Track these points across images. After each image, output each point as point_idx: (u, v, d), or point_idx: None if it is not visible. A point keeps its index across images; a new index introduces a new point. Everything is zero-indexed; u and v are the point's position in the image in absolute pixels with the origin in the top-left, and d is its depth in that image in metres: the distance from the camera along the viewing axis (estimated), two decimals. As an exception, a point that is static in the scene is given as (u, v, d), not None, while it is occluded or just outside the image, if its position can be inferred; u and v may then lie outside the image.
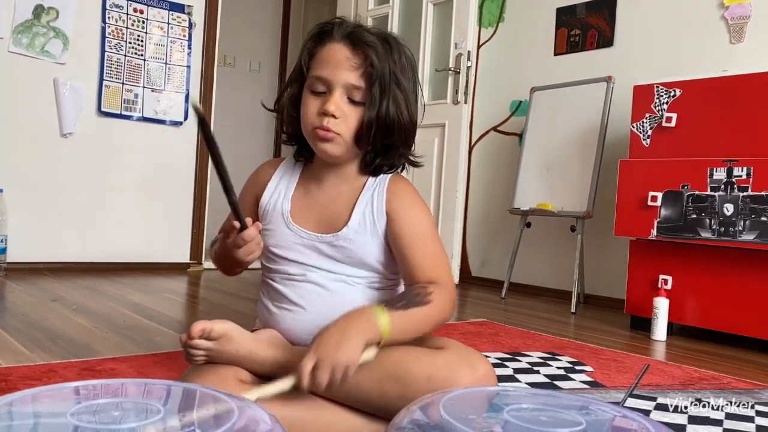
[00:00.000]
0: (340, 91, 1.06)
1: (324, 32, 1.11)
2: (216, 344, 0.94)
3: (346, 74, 1.06)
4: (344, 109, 1.07)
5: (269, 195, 1.17)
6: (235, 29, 4.76)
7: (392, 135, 1.10)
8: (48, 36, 2.93)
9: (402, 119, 1.10)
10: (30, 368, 1.31)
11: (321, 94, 1.08)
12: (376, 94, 1.07)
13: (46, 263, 2.96)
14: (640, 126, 2.33)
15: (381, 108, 1.07)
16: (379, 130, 1.08)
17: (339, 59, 1.07)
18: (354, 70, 1.06)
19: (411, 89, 1.13)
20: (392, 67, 1.08)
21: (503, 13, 3.52)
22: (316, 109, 1.08)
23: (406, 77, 1.12)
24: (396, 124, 1.09)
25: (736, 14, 2.60)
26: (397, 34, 1.16)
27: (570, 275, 2.98)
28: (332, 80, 1.06)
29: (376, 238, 1.12)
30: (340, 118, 1.06)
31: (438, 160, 3.40)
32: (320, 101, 1.07)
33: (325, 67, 1.07)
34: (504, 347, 1.84)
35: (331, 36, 1.09)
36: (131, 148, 3.21)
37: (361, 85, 1.06)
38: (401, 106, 1.09)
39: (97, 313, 2.02)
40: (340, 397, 0.97)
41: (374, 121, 1.07)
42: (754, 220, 1.99)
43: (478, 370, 0.96)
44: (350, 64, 1.06)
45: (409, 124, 1.12)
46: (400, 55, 1.12)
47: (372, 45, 1.07)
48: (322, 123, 1.06)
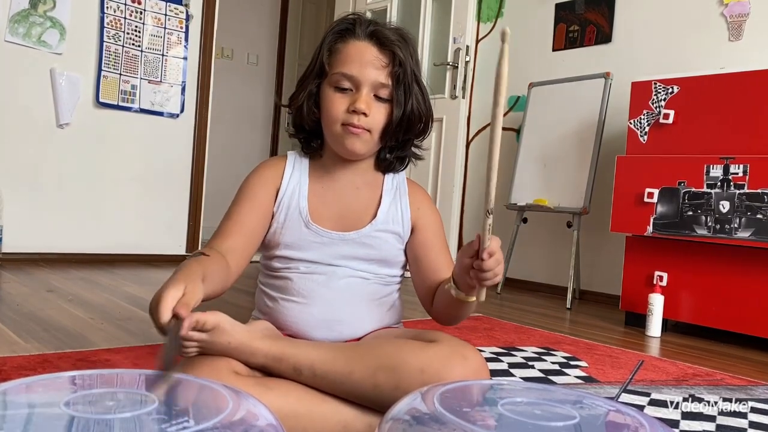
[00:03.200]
0: (368, 89, 1.10)
1: (345, 29, 1.13)
2: (208, 336, 0.93)
3: (375, 73, 1.10)
4: (372, 107, 1.10)
5: (284, 191, 1.16)
6: (233, 21, 4.75)
7: (413, 129, 1.16)
8: (45, 26, 2.91)
9: (423, 113, 1.16)
10: (25, 358, 1.31)
11: (345, 90, 1.10)
12: (401, 92, 1.11)
13: (42, 254, 2.96)
14: (638, 122, 2.33)
15: (407, 105, 1.12)
16: (403, 126, 1.13)
17: (367, 58, 1.10)
18: (382, 69, 1.10)
19: (424, 80, 1.18)
20: (411, 64, 1.13)
21: (502, 8, 3.51)
22: (344, 106, 1.10)
23: (419, 69, 1.17)
24: (417, 119, 1.15)
25: (735, 12, 2.60)
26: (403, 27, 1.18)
27: (566, 271, 2.99)
28: (361, 78, 1.09)
29: (396, 237, 1.19)
30: (369, 115, 1.10)
31: (435, 154, 3.40)
32: (347, 98, 1.10)
33: (352, 64, 1.10)
34: (499, 342, 1.84)
35: (354, 33, 1.12)
36: (128, 139, 3.20)
37: (388, 83, 1.11)
38: (421, 102, 1.15)
39: (92, 304, 2.02)
40: (333, 389, 0.97)
41: (399, 118, 1.12)
42: (750, 218, 2.00)
43: (471, 362, 0.97)
44: (379, 64, 1.10)
45: (428, 115, 1.18)
46: (414, 50, 1.17)
47: (397, 44, 1.11)
48: (351, 120, 1.09)
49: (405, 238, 1.21)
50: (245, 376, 0.95)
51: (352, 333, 1.14)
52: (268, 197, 1.16)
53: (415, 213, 1.21)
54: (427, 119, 1.18)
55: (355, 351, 0.99)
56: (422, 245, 1.21)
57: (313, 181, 1.19)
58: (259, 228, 1.16)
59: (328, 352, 0.99)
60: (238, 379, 0.92)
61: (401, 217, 1.20)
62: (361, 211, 1.18)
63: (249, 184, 1.18)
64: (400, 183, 1.23)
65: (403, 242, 1.21)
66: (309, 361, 0.97)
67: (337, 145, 1.14)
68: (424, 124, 1.17)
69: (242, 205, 1.15)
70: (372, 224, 1.16)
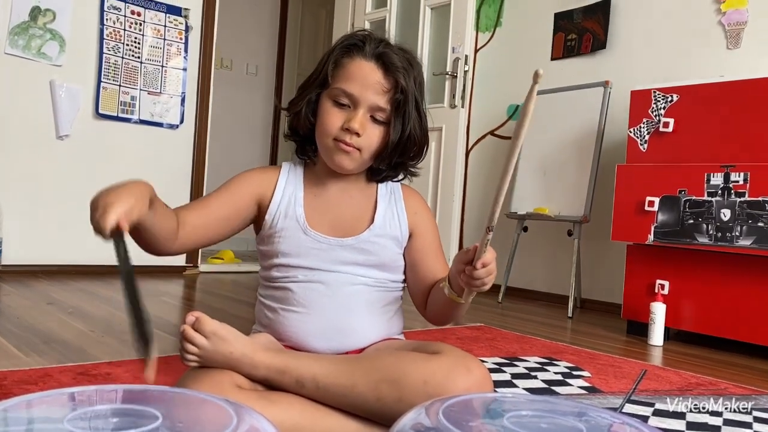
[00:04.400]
0: (365, 110, 1.10)
1: (353, 45, 1.13)
2: (209, 343, 0.93)
3: (375, 96, 1.10)
4: (366, 128, 1.11)
5: (278, 201, 1.17)
6: (232, 32, 4.76)
7: (407, 154, 1.17)
8: (44, 38, 2.92)
9: (418, 140, 1.16)
10: (26, 372, 1.30)
11: (343, 106, 1.11)
12: (400, 118, 1.12)
13: (42, 266, 2.95)
14: (638, 131, 2.33)
15: (404, 131, 1.12)
16: (398, 150, 1.14)
17: (370, 80, 1.10)
18: (383, 94, 1.10)
19: (424, 108, 1.19)
20: (414, 90, 1.14)
21: (500, 18, 3.52)
22: (339, 122, 1.10)
23: (421, 95, 1.17)
24: (412, 145, 1.16)
25: (733, 20, 2.61)
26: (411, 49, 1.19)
27: (567, 280, 2.98)
28: (360, 98, 1.10)
29: (394, 242, 1.19)
30: (362, 136, 1.10)
31: (435, 164, 3.41)
32: (343, 114, 1.11)
33: (353, 82, 1.10)
34: (501, 352, 1.84)
35: (362, 51, 1.12)
36: (128, 150, 3.20)
37: (386, 108, 1.11)
38: (417, 128, 1.15)
39: (92, 316, 2.01)
40: (336, 402, 0.97)
41: (395, 143, 1.12)
42: (751, 226, 1.99)
43: (474, 374, 0.96)
44: (381, 88, 1.10)
45: (423, 143, 1.18)
46: (419, 74, 1.17)
47: (402, 71, 1.11)
48: (344, 138, 1.10)
49: (403, 242, 1.21)
50: (248, 390, 0.95)
51: (354, 343, 1.14)
52: (246, 200, 1.16)
53: (412, 218, 1.22)
54: (422, 145, 1.18)
55: (357, 363, 0.99)
56: (420, 250, 1.22)
57: (307, 189, 1.19)
58: (223, 222, 1.15)
59: (331, 364, 0.99)
60: (241, 393, 0.92)
61: (398, 221, 1.20)
62: (357, 217, 1.18)
63: (234, 180, 1.19)
64: (395, 188, 1.24)
65: (401, 246, 1.21)
66: (311, 373, 0.97)
67: (327, 157, 1.15)
68: (419, 148, 1.18)
69: (219, 195, 1.16)
70: (370, 229, 1.17)
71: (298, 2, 5.33)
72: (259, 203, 1.18)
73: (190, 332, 0.93)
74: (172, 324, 1.97)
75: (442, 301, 1.11)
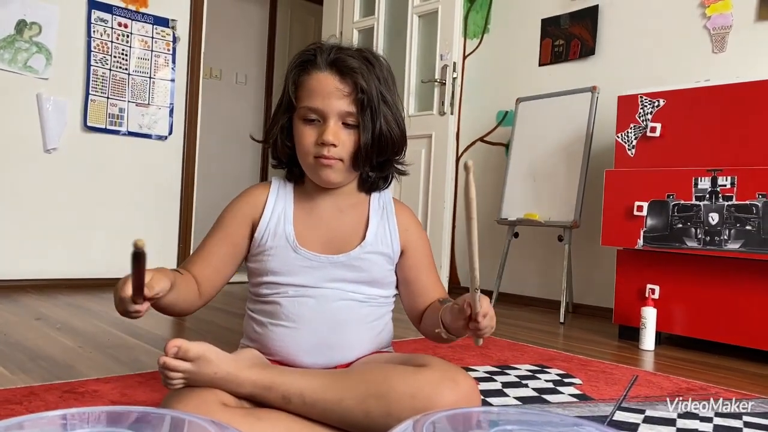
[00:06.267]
0: (334, 119, 1.10)
1: (307, 61, 1.13)
2: (193, 366, 0.92)
3: (338, 103, 1.09)
4: (341, 136, 1.10)
5: (267, 219, 1.17)
6: (221, 41, 4.76)
7: (387, 151, 1.15)
8: (31, 51, 2.91)
9: (394, 134, 1.15)
10: (11, 391, 1.28)
11: (314, 122, 1.11)
12: (368, 117, 1.11)
13: (30, 280, 2.93)
14: (625, 136, 2.34)
15: (375, 129, 1.11)
16: (374, 149, 1.13)
17: (329, 89, 1.10)
18: (345, 98, 1.10)
19: (395, 101, 1.17)
20: (378, 86, 1.12)
21: (488, 24, 3.53)
22: (313, 139, 1.11)
23: (389, 91, 1.16)
24: (389, 140, 1.14)
25: (718, 24, 2.63)
26: (367, 47, 1.19)
27: (558, 285, 2.98)
28: (326, 110, 1.09)
29: (385, 258, 1.19)
30: (338, 145, 1.10)
31: (425, 170, 3.41)
32: (316, 130, 1.11)
33: (315, 97, 1.10)
34: (492, 360, 1.83)
35: (315, 64, 1.12)
36: (116, 162, 3.19)
37: (353, 110, 1.10)
38: (391, 122, 1.14)
39: (81, 331, 1.99)
40: (324, 417, 0.96)
41: (369, 143, 1.11)
42: (739, 229, 2.00)
43: (461, 387, 0.96)
44: (341, 93, 1.10)
45: (400, 136, 1.17)
46: (381, 69, 1.16)
47: (358, 70, 1.10)
48: (321, 152, 1.10)
49: (395, 258, 1.21)
50: (233, 407, 0.94)
51: (343, 358, 1.13)
52: (241, 231, 1.18)
53: (404, 235, 1.21)
54: (399, 138, 1.16)
55: (344, 378, 0.98)
56: (412, 267, 1.22)
57: (297, 206, 1.19)
58: (228, 260, 1.18)
59: (317, 379, 0.98)
60: (227, 411, 0.91)
61: (390, 238, 1.20)
62: (348, 234, 1.18)
63: (224, 216, 1.20)
64: (387, 203, 1.23)
65: (392, 263, 1.21)
66: (298, 389, 0.96)
67: (313, 175, 1.15)
68: (397, 142, 1.16)
69: (214, 236, 1.19)
70: (361, 246, 1.16)
71: (287, 11, 5.33)
72: (253, 226, 1.18)
73: (173, 362, 0.91)
74: (161, 338, 1.95)
75: (438, 336, 1.10)
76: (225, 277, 1.19)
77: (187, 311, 1.12)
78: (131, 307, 0.91)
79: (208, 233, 1.20)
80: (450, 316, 1.04)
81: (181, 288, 1.06)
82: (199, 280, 1.15)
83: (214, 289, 1.18)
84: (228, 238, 1.17)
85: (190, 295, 1.11)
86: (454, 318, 1.02)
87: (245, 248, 1.19)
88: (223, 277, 1.19)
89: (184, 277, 1.12)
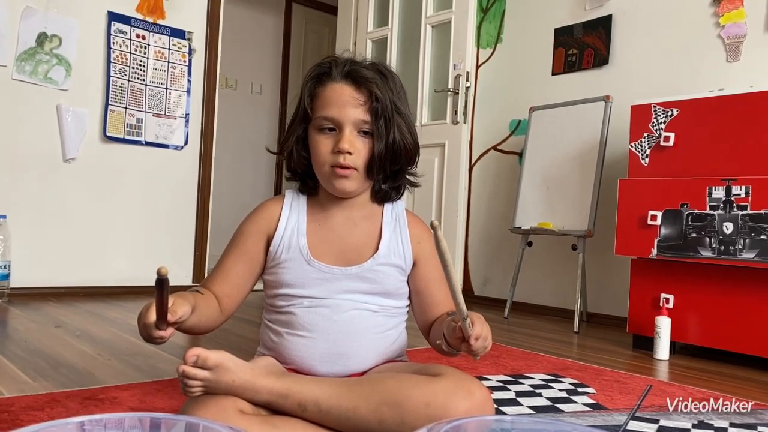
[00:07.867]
0: (350, 128, 1.12)
1: (323, 73, 1.16)
2: (212, 374, 0.94)
3: (353, 111, 1.12)
4: (356, 144, 1.13)
5: (282, 233, 1.19)
6: (236, 51, 4.81)
7: (400, 159, 1.17)
8: (51, 63, 2.96)
9: (407, 143, 1.17)
10: (33, 398, 1.31)
11: (329, 132, 1.14)
12: (382, 125, 1.13)
13: (50, 288, 2.97)
14: (639, 145, 2.34)
15: (389, 137, 1.14)
16: (388, 158, 1.15)
17: (345, 99, 1.13)
18: (360, 106, 1.13)
19: (408, 112, 1.20)
20: (391, 97, 1.15)
21: (501, 34, 3.55)
22: (329, 148, 1.13)
23: (402, 102, 1.19)
24: (402, 149, 1.17)
25: (732, 33, 2.63)
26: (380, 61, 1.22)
27: (572, 294, 2.98)
28: (341, 119, 1.12)
29: (398, 270, 1.20)
30: (354, 153, 1.12)
31: (438, 179, 3.42)
32: (332, 139, 1.13)
33: (331, 106, 1.13)
34: (506, 369, 1.84)
35: (331, 76, 1.15)
36: (134, 172, 3.23)
37: (368, 119, 1.13)
38: (404, 131, 1.17)
39: (99, 339, 2.02)
40: (339, 425, 0.98)
41: (383, 151, 1.14)
42: (754, 239, 2.00)
43: (475, 396, 0.97)
44: (357, 102, 1.13)
45: (413, 145, 1.20)
46: (394, 81, 1.19)
47: (373, 80, 1.13)
48: (337, 160, 1.12)
49: (407, 270, 1.22)
50: (251, 415, 0.96)
51: (357, 366, 1.15)
52: (257, 247, 1.20)
53: (416, 247, 1.23)
54: (412, 148, 1.19)
55: (359, 386, 1.00)
56: (423, 279, 1.23)
57: (311, 219, 1.21)
58: (247, 275, 1.21)
59: (333, 387, 1.00)
60: (244, 418, 0.93)
61: (402, 249, 1.21)
62: (361, 246, 1.19)
63: (241, 232, 1.23)
64: (399, 214, 1.25)
65: (405, 274, 1.23)
66: (313, 397, 0.98)
67: (329, 185, 1.17)
68: (410, 152, 1.19)
69: (231, 253, 1.22)
70: (374, 258, 1.18)
71: (301, 21, 5.39)
72: (268, 240, 1.21)
73: (192, 371, 0.94)
74: (179, 346, 1.98)
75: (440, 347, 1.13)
76: (245, 291, 1.22)
77: (211, 329, 1.16)
78: (155, 332, 0.95)
79: (226, 249, 1.23)
80: (447, 332, 1.07)
81: (203, 309, 1.10)
82: (219, 297, 1.18)
83: (236, 303, 1.21)
84: (245, 255, 1.20)
85: (212, 314, 1.15)
86: (450, 335, 1.06)
87: (262, 263, 1.21)
88: (243, 292, 1.22)
89: (205, 296, 1.15)
